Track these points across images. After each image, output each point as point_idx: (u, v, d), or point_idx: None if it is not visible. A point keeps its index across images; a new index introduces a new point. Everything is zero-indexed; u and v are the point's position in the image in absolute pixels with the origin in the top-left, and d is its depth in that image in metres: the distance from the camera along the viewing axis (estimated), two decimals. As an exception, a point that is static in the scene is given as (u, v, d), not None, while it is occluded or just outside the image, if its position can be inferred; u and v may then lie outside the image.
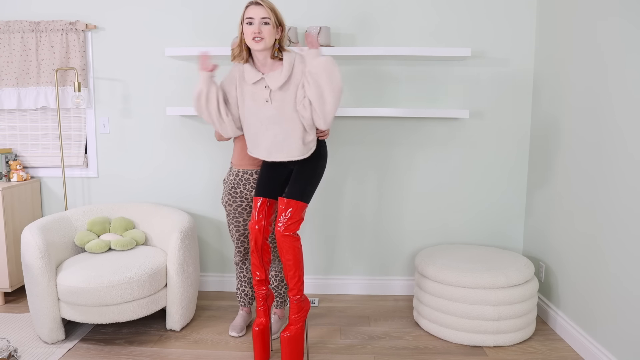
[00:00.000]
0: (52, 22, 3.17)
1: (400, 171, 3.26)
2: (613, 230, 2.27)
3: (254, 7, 2.20)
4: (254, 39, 2.18)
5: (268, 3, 2.20)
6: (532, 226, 3.14)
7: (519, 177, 3.23)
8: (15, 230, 3.16)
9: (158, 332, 2.78)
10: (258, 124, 2.33)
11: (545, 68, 2.97)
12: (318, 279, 3.38)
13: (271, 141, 2.33)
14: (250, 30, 2.19)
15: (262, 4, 2.19)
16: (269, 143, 2.33)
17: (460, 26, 3.11)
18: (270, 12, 2.19)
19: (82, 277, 2.49)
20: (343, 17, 3.13)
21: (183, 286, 2.74)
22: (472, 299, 2.56)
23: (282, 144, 2.32)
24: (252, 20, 2.18)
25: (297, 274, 2.32)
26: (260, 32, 2.17)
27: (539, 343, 2.65)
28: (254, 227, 2.36)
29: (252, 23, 2.18)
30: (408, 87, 3.17)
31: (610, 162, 2.29)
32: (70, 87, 3.26)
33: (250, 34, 2.18)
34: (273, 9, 2.21)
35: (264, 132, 2.33)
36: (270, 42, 2.21)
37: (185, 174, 3.34)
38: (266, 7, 2.18)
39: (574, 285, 2.63)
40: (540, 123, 3.03)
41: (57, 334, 2.59)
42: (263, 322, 2.39)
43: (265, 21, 2.18)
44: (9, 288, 3.11)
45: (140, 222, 3.11)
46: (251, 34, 2.18)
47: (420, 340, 2.69)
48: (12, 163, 3.29)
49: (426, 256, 2.86)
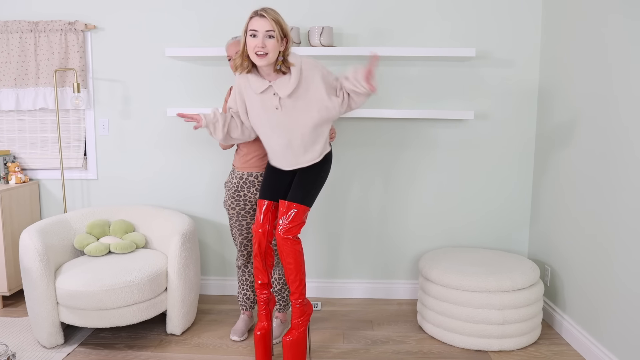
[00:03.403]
0: (51, 22, 3.14)
1: (403, 173, 3.23)
2: (619, 233, 2.24)
3: (258, 19, 2.11)
4: (257, 54, 2.12)
5: (273, 15, 2.11)
6: (538, 229, 3.11)
7: (524, 179, 3.20)
8: (14, 233, 3.13)
9: (158, 336, 2.75)
10: (270, 131, 2.29)
11: (550, 70, 2.94)
12: (321, 283, 3.35)
13: (286, 149, 2.29)
14: (253, 43, 2.11)
15: (266, 16, 2.10)
16: (285, 151, 2.30)
17: (465, 27, 3.08)
18: (275, 25, 2.10)
19: (81, 280, 2.47)
20: (346, 17, 3.10)
21: (184, 290, 2.71)
22: (477, 302, 2.53)
23: (297, 151, 2.29)
24: (256, 32, 2.10)
25: (298, 278, 2.31)
26: (264, 46, 2.10)
27: (544, 347, 2.63)
28: (258, 231, 2.33)
29: (256, 36, 2.10)
30: (411, 88, 3.14)
31: (617, 165, 2.26)
32: (70, 88, 3.23)
33: (253, 48, 2.11)
34: (278, 21, 2.12)
35: (277, 140, 2.29)
36: (274, 56, 2.14)
37: (185, 176, 3.30)
38: (270, 20, 2.09)
39: (580, 289, 2.59)
40: (546, 124, 3.00)
41: (56, 338, 2.56)
42: (265, 326, 2.37)
43: (269, 34, 2.10)
44: (8, 292, 3.08)
45: (140, 225, 3.08)
46: (254, 47, 2.11)
47: (424, 344, 2.66)
48: (11, 165, 3.26)
49: (430, 259, 2.83)
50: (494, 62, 3.10)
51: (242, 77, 2.28)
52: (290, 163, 2.33)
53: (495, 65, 3.10)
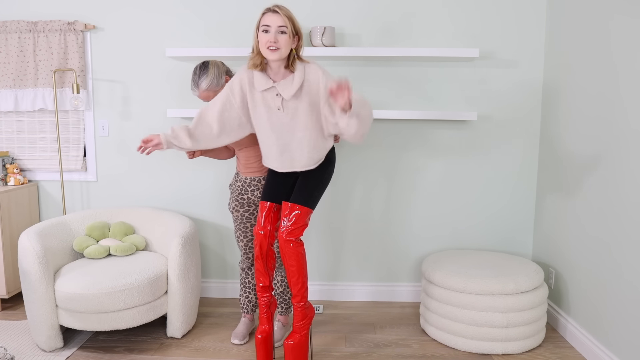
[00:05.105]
0: (50, 22, 3.12)
1: (407, 175, 3.21)
2: (624, 235, 2.22)
3: (271, 14, 2.10)
4: (269, 48, 2.10)
5: (286, 11, 2.11)
6: (542, 231, 3.08)
7: (528, 181, 3.18)
8: (12, 236, 3.10)
9: (158, 339, 2.72)
10: (269, 131, 2.26)
11: (555, 70, 2.92)
12: (323, 285, 3.32)
13: (283, 150, 2.27)
14: (265, 38, 2.10)
15: (279, 12, 2.09)
16: (282, 152, 2.27)
17: (468, 27, 3.06)
18: (287, 21, 2.10)
19: (80, 283, 2.45)
20: (348, 17, 3.08)
21: (184, 293, 2.68)
22: (480, 305, 2.51)
23: (295, 154, 2.26)
24: (269, 28, 2.10)
25: (300, 280, 2.29)
26: (277, 41, 2.09)
27: (548, 351, 2.60)
28: (259, 233, 2.31)
29: (268, 31, 2.10)
30: (414, 88, 3.12)
31: (622, 167, 2.24)
32: (69, 88, 3.20)
33: (266, 43, 2.10)
34: (291, 18, 2.12)
35: (275, 141, 2.27)
36: (285, 52, 2.13)
37: (186, 178, 3.28)
38: (284, 15, 2.09)
39: (584, 292, 2.57)
40: (550, 125, 2.98)
41: (55, 341, 2.54)
42: (266, 330, 2.36)
43: (282, 30, 2.09)
44: (6, 295, 3.06)
45: (140, 227, 3.05)
46: (266, 42, 2.10)
47: (427, 348, 2.64)
48: (9, 166, 3.23)
49: (433, 262, 2.81)
50: (498, 62, 3.08)
51: (247, 72, 2.25)
52: (283, 165, 2.30)
53: (499, 65, 3.08)
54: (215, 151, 2.67)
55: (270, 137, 2.27)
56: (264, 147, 2.33)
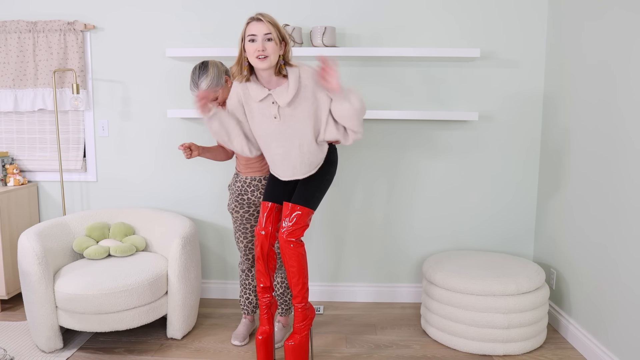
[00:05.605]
0: (49, 22, 3.11)
1: (408, 175, 3.20)
2: (624, 237, 2.21)
3: (255, 23, 2.09)
4: (258, 57, 2.09)
5: (269, 18, 2.10)
6: (543, 232, 3.08)
7: (529, 182, 3.17)
8: (12, 236, 3.09)
9: (158, 340, 2.72)
10: (269, 140, 2.27)
11: (556, 71, 2.91)
12: (324, 286, 3.31)
13: (284, 159, 2.28)
14: (253, 47, 2.09)
15: (262, 20, 2.09)
16: (282, 162, 2.28)
17: (469, 27, 3.05)
18: (272, 28, 2.09)
19: (80, 284, 2.44)
20: (349, 17, 3.07)
21: (184, 293, 2.67)
22: (482, 306, 2.50)
23: (295, 162, 2.27)
24: (255, 37, 2.08)
25: (301, 281, 2.28)
26: (265, 49, 2.08)
27: (550, 352, 2.60)
28: (260, 233, 2.31)
29: (255, 40, 2.08)
30: (415, 88, 3.11)
31: (621, 168, 2.24)
32: (69, 88, 3.20)
33: (254, 52, 2.09)
34: (275, 24, 2.11)
35: (275, 149, 2.27)
36: (274, 59, 2.11)
37: (186, 178, 3.27)
38: (267, 22, 2.08)
39: (586, 293, 2.56)
40: (551, 126, 2.97)
41: (55, 342, 2.53)
42: (267, 331, 2.35)
43: (268, 37, 2.08)
44: (6, 295, 3.05)
45: (140, 228, 3.04)
46: (254, 51, 2.09)
47: (427, 349, 2.63)
48: (9, 167, 3.23)
49: (434, 262, 2.80)
50: (499, 62, 3.07)
51: (240, 86, 2.26)
52: (286, 174, 2.32)
53: (500, 66, 3.07)
54: (214, 152, 2.67)
55: (270, 146, 2.28)
56: (267, 156, 2.35)
